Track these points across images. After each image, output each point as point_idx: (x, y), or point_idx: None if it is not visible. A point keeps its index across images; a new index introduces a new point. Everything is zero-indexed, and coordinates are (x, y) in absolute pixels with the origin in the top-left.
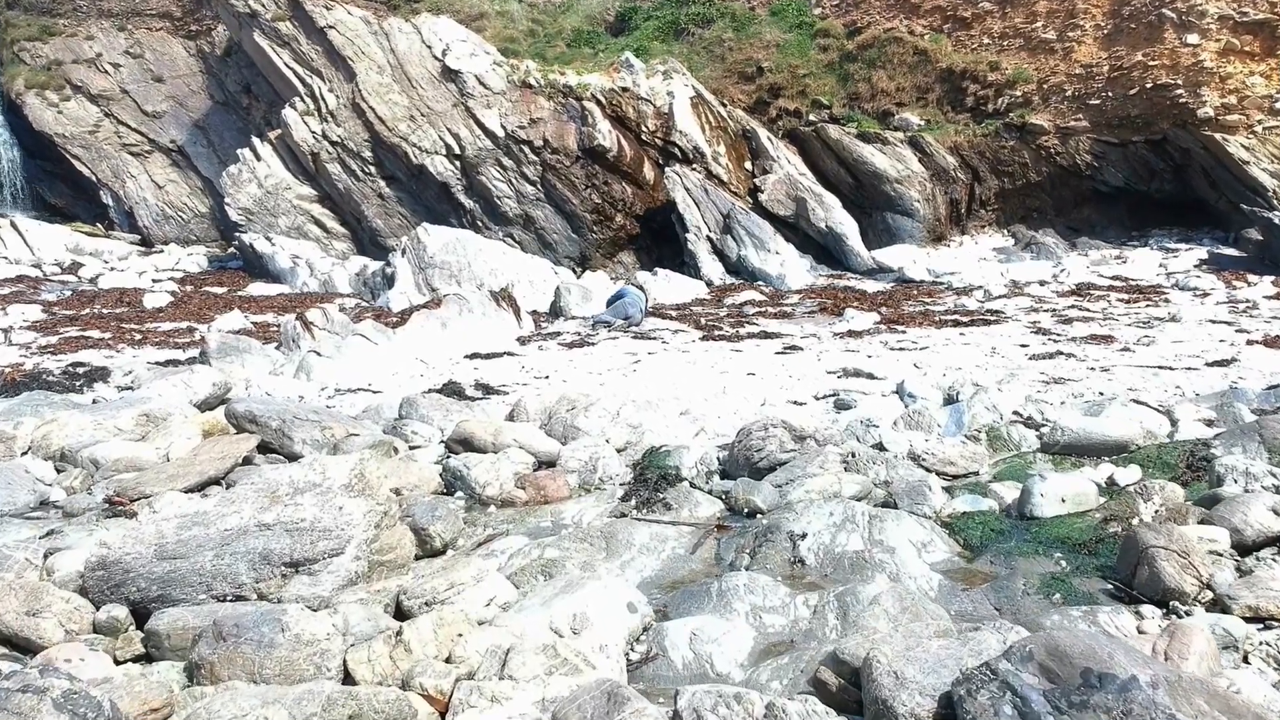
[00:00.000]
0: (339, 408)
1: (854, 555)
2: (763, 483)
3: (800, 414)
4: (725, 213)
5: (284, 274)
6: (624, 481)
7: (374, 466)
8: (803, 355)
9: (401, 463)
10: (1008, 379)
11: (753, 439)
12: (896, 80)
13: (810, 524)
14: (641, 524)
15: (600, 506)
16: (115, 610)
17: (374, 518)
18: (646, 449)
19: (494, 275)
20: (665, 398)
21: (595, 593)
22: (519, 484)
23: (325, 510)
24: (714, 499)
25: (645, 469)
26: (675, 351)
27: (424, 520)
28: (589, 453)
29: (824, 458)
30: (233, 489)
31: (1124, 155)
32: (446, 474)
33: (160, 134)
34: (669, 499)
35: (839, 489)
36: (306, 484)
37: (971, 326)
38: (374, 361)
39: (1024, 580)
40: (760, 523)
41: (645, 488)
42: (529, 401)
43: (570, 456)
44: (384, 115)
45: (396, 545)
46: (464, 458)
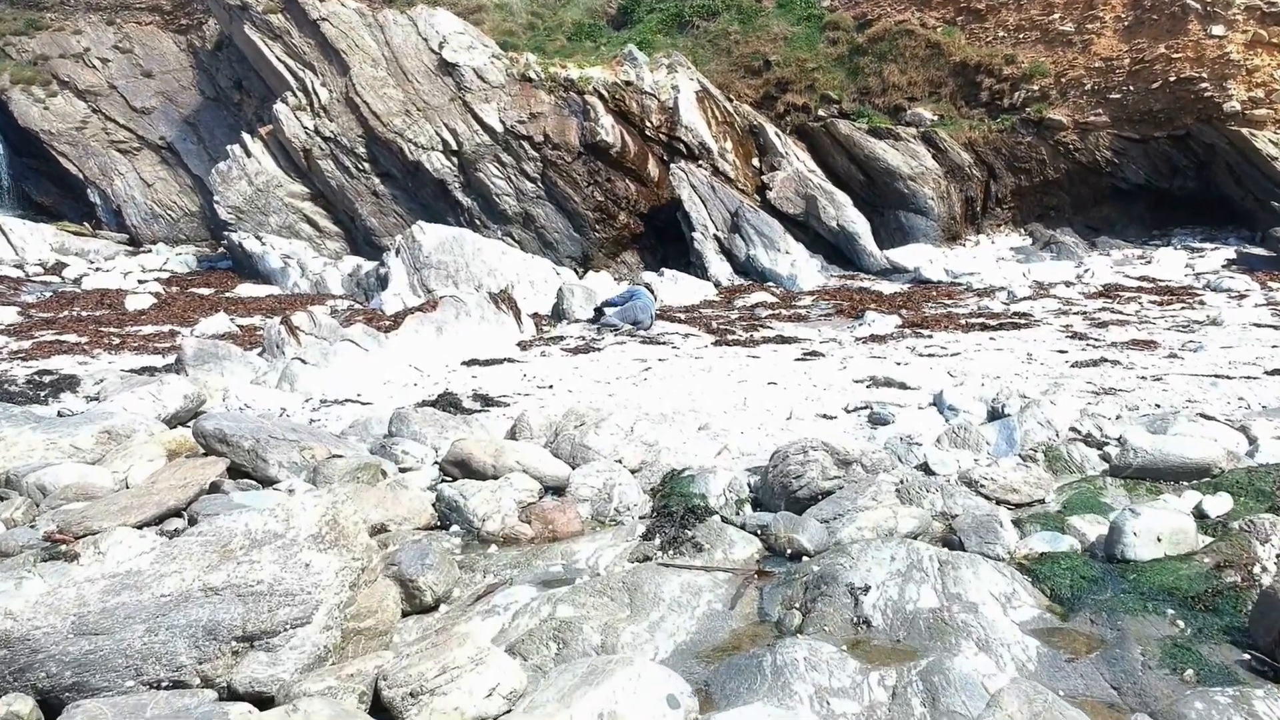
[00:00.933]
0: (324, 421)
1: (929, 614)
2: (806, 518)
3: (831, 429)
4: (733, 211)
5: (274, 274)
6: (644, 514)
7: (349, 511)
8: (825, 362)
9: (389, 490)
10: (1052, 389)
11: (790, 464)
12: (908, 74)
13: (872, 573)
14: (670, 571)
15: (618, 545)
16: (18, 704)
17: (349, 575)
18: (666, 473)
19: (493, 276)
20: (681, 410)
21: (626, 683)
22: (523, 516)
23: (288, 568)
24: (749, 536)
25: (667, 498)
26: (687, 358)
27: (412, 569)
28: (602, 478)
29: (876, 488)
30: (175, 541)
31: (1145, 151)
32: (441, 504)
33: (149, 130)
34: (699, 537)
35: (894, 524)
36: (266, 535)
37: (1000, 330)
38: (364, 369)
39: (1140, 648)
40: (809, 569)
41: (670, 523)
42: (532, 416)
43: (581, 483)
44: (379, 110)
45: (377, 607)
46: (461, 485)
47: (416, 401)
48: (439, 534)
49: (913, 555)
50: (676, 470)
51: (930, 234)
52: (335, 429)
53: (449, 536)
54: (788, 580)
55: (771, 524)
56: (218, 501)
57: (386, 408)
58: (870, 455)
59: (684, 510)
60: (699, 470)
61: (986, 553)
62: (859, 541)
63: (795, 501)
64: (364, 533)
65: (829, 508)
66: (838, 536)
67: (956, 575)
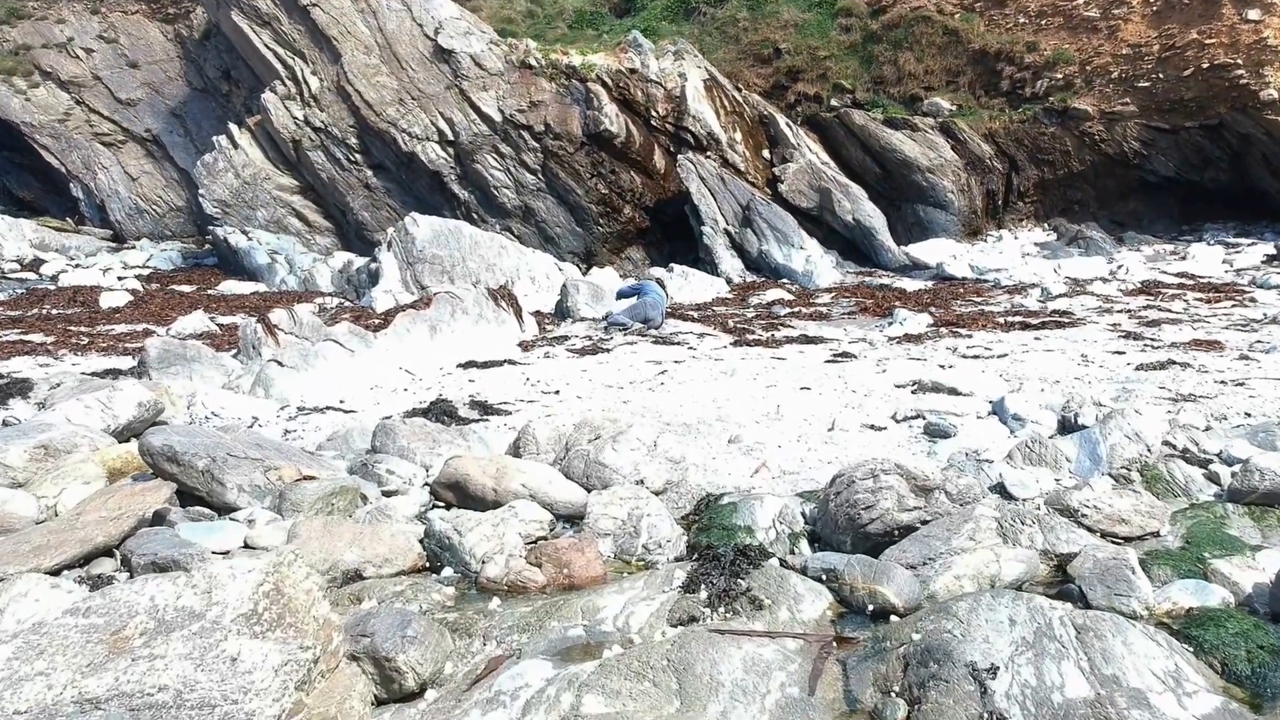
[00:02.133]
0: (300, 433)
1: (1085, 709)
2: (888, 563)
3: (882, 442)
4: (744, 204)
5: (260, 271)
6: (678, 554)
7: (298, 575)
8: (859, 364)
9: (368, 524)
10: (1122, 395)
11: (858, 492)
12: (925, 62)
13: (992, 644)
14: (726, 641)
15: (653, 598)
16: None
17: (295, 672)
18: (700, 498)
19: (491, 271)
20: (707, 420)
21: None
22: (533, 558)
23: (206, 666)
24: (816, 586)
25: (705, 531)
26: (706, 359)
27: (389, 644)
28: (627, 507)
29: (975, 524)
30: (45, 628)
31: (1175, 142)
32: (430, 541)
33: (134, 123)
34: (755, 588)
35: (997, 570)
36: (178, 615)
37: (1043, 329)
38: (349, 372)
39: None
40: (905, 635)
41: (717, 569)
42: (539, 428)
43: (601, 513)
44: (371, 99)
45: (337, 711)
46: (455, 517)
47: (405, 410)
48: (427, 581)
49: (1038, 617)
50: (712, 495)
51: (950, 229)
52: (313, 441)
53: (439, 585)
54: (877, 650)
55: (844, 570)
56: (158, 537)
57: (372, 417)
58: (955, 481)
59: (735, 554)
60: (740, 495)
61: (1118, 608)
62: (965, 599)
63: (865, 537)
64: (320, 603)
65: (914, 549)
66: (931, 588)
67: (1104, 647)
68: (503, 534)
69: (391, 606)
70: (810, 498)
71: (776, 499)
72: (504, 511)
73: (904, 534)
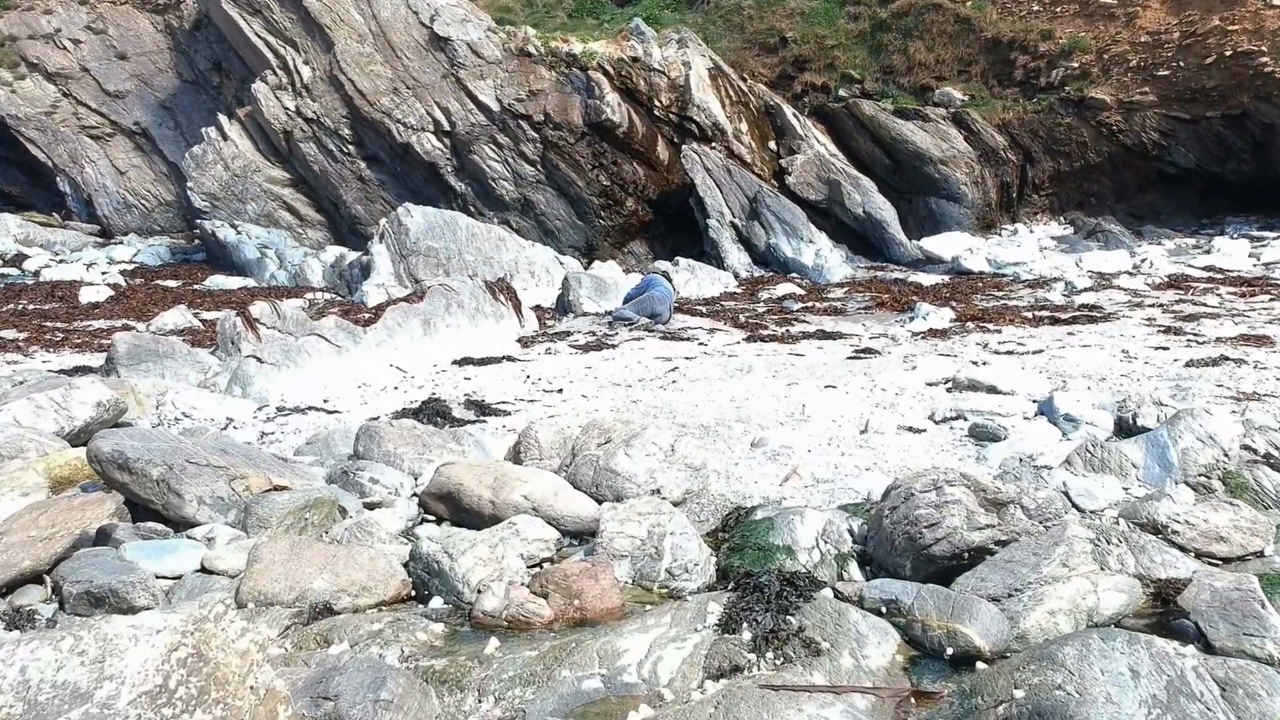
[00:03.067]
0: (278, 435)
1: None
2: (965, 595)
3: (923, 446)
4: (751, 196)
5: (250, 265)
6: (708, 580)
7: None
8: (885, 361)
9: (344, 545)
10: (1178, 394)
11: (919, 507)
12: (936, 51)
13: (1122, 709)
14: (783, 701)
15: (685, 639)
16: None
17: None
18: (728, 511)
19: (489, 264)
20: (726, 421)
21: None
22: (537, 586)
23: None
24: (879, 622)
25: (738, 552)
26: (719, 356)
27: (359, 712)
28: (646, 523)
29: (1067, 547)
30: None
31: (1196, 133)
32: (417, 566)
33: (123, 115)
34: (808, 627)
35: (1095, 602)
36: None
37: (1074, 324)
38: (335, 370)
39: None
40: (1000, 689)
41: (760, 603)
42: (542, 431)
43: (616, 530)
44: (364, 88)
45: None
46: (446, 536)
47: (394, 410)
48: (411, 615)
49: (1165, 667)
50: (742, 508)
51: (963, 222)
52: (291, 445)
53: (426, 621)
54: (969, 710)
55: (913, 604)
56: (97, 560)
57: (357, 418)
58: (1033, 494)
59: (781, 584)
60: (775, 509)
61: (1250, 650)
62: (1070, 643)
63: (928, 560)
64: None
65: (996, 577)
66: (1021, 626)
67: (1261, 710)
68: (501, 557)
69: (365, 656)
70: (856, 512)
71: (818, 513)
72: (503, 529)
73: (975, 557)
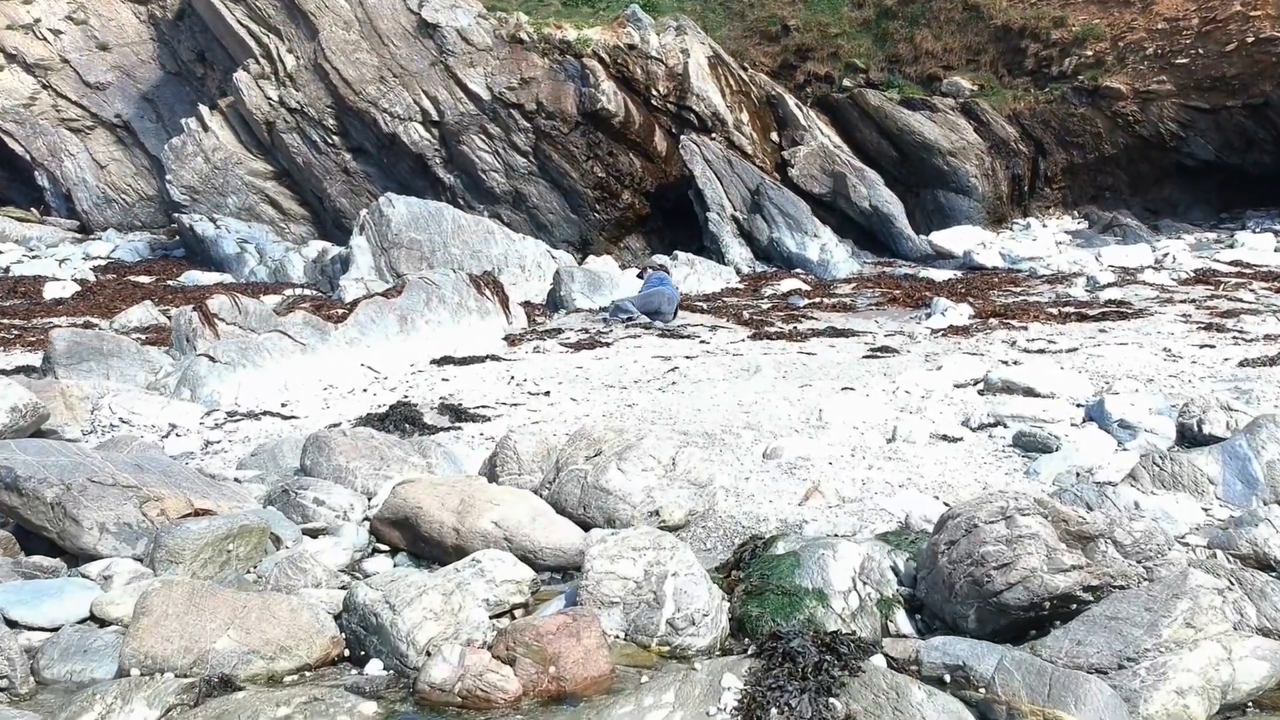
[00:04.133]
0: (225, 444)
1: None
2: (1068, 673)
3: (963, 458)
4: (753, 188)
5: (229, 261)
6: (721, 635)
7: None
8: (904, 360)
9: (261, 592)
10: (1240, 396)
11: (985, 542)
12: (943, 40)
13: None
14: None
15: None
16: None
17: None
18: (743, 541)
19: (476, 258)
20: (733, 428)
21: None
22: (503, 647)
23: None
24: (950, 703)
25: (758, 596)
26: (723, 354)
27: None
28: (644, 560)
29: (1191, 600)
30: None
31: (1215, 123)
32: (351, 619)
33: (104, 108)
34: (859, 715)
35: (1230, 674)
36: None
37: (1104, 320)
38: (300, 370)
39: None
40: None
41: (793, 679)
42: (522, 442)
43: (606, 570)
44: (350, 77)
45: None
46: (389, 581)
47: (359, 415)
48: (338, 691)
49: None
50: (759, 539)
51: (973, 216)
52: (237, 456)
53: (354, 700)
54: None
55: (995, 677)
56: None
57: (317, 423)
58: (1127, 526)
59: (814, 647)
60: (799, 539)
61: None
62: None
63: (999, 610)
64: None
65: (1099, 641)
66: (1144, 712)
67: None
68: (458, 607)
69: None
70: (899, 543)
71: (854, 546)
72: (465, 567)
73: (1058, 607)
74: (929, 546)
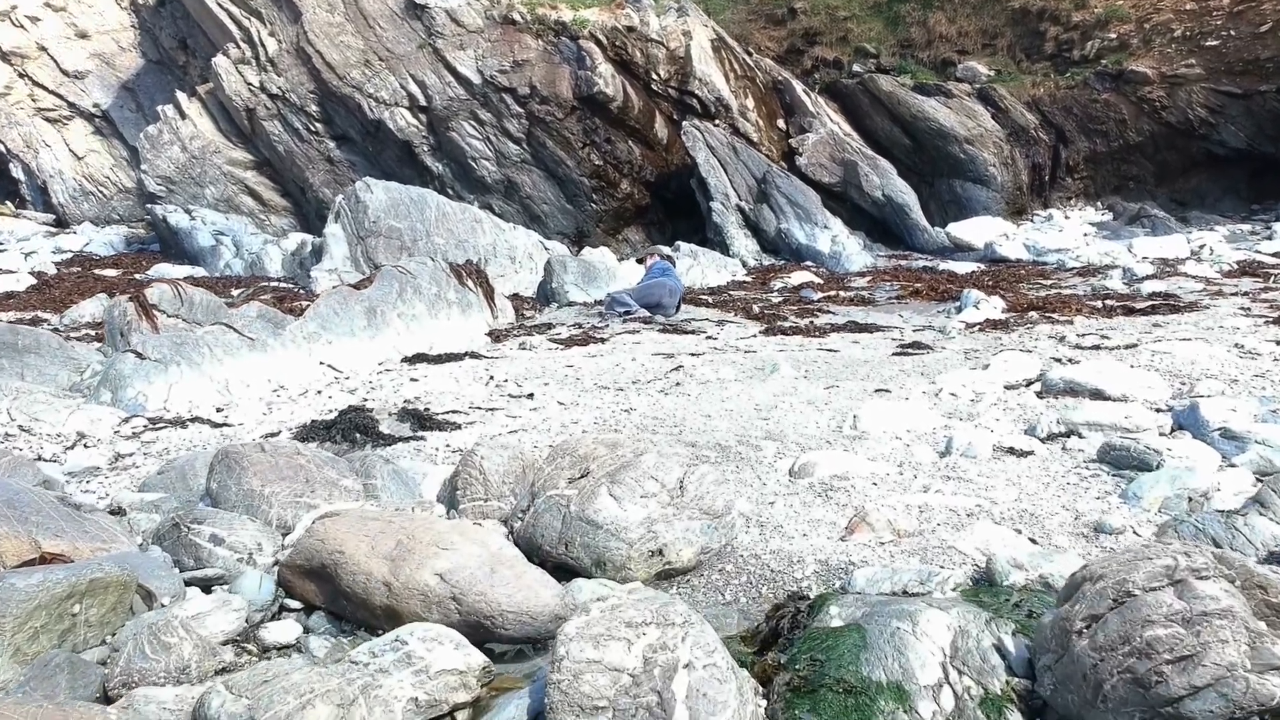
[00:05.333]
0: (138, 459)
1: None
2: None
3: (1038, 476)
4: (760, 176)
5: (203, 254)
6: None
7: None
8: (941, 358)
9: (64, 708)
10: None
11: (1149, 621)
12: (958, 23)
13: None
14: None
15: None
16: None
17: None
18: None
19: (462, 248)
20: (750, 437)
21: None
22: None
23: None
24: None
25: (810, 695)
26: (733, 351)
27: None
28: (641, 644)
29: None
30: None
31: (1248, 109)
32: None
33: (81, 97)
34: None
35: None
36: None
37: (1155, 314)
38: (246, 369)
39: None
40: None
41: None
42: (489, 458)
43: (586, 659)
44: (334, 61)
45: None
46: (261, 685)
47: (298, 426)
48: None
49: None
50: (802, 598)
51: (991, 207)
52: (147, 473)
53: None
54: None
55: None
56: None
57: (255, 432)
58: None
59: None
60: (863, 604)
61: None
62: None
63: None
64: None
65: None
66: None
67: None
68: None
69: None
70: (998, 607)
71: (939, 615)
72: (385, 653)
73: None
74: (1056, 622)
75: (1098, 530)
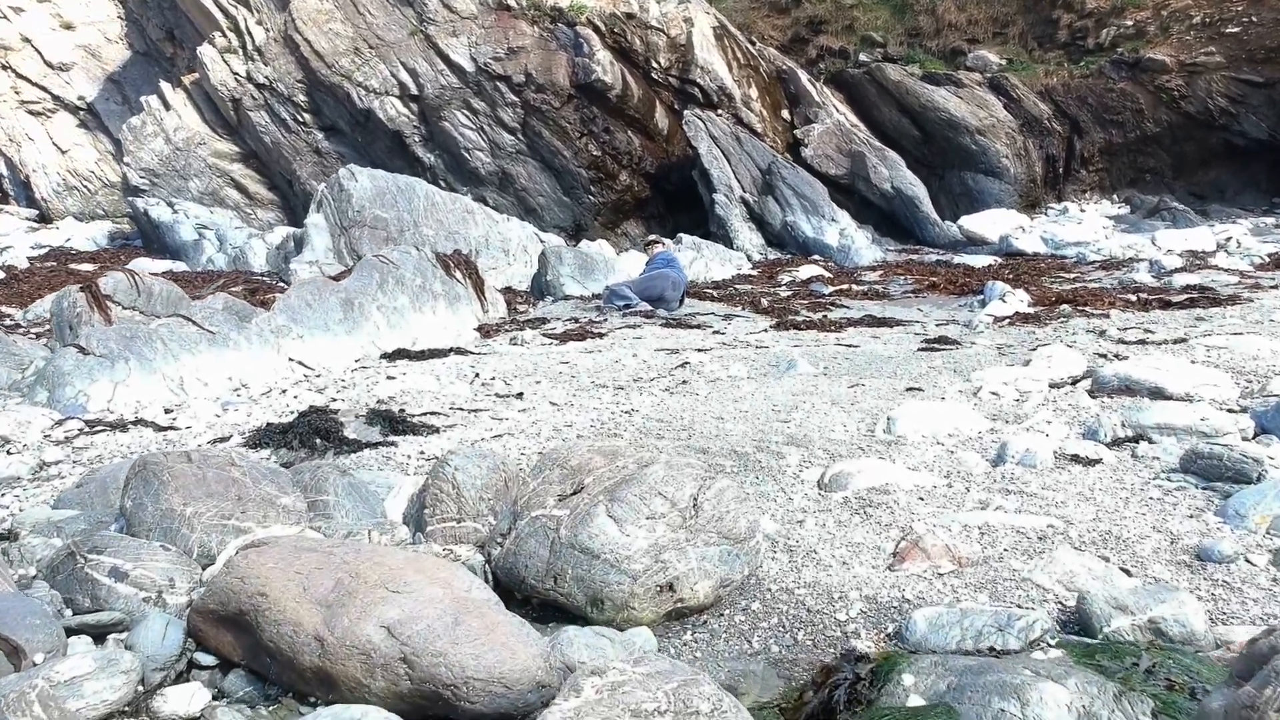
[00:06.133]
0: (65, 469)
1: None
2: None
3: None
4: (764, 168)
5: (185, 248)
6: None
7: None
8: (972, 354)
9: None
10: None
11: None
12: (968, 11)
13: None
14: None
15: None
16: None
17: None
18: (832, 667)
19: (453, 239)
20: (770, 442)
21: None
22: None
23: None
24: None
25: None
26: (743, 347)
27: None
28: None
29: None
30: None
31: (1269, 98)
32: None
33: (67, 90)
34: None
35: None
36: None
37: (1195, 308)
38: (205, 365)
39: None
40: None
41: None
42: (464, 470)
43: None
44: (322, 49)
45: None
46: None
47: (255, 428)
48: None
49: None
50: (863, 664)
51: (1004, 199)
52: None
53: None
54: None
55: None
56: None
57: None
58: None
59: None
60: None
61: None
62: None
63: None
64: None
65: None
66: None
67: None
68: None
69: None
70: (1127, 674)
71: (1058, 690)
72: None
73: None
74: (1237, 710)
75: (1201, 558)
